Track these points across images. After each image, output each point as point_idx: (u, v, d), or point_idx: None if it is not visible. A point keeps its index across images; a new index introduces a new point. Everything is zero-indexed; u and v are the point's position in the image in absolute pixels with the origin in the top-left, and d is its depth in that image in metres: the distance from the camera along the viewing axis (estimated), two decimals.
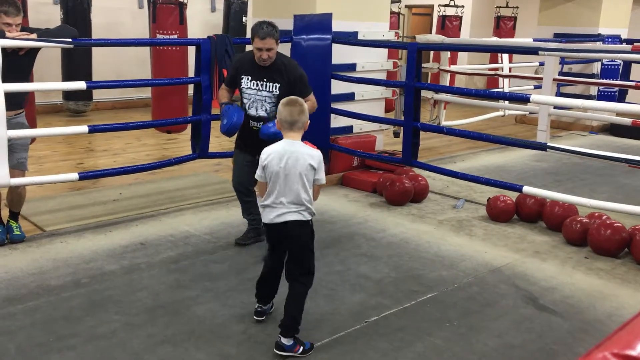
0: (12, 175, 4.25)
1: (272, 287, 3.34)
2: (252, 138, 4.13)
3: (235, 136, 4.32)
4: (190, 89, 5.95)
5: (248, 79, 4.13)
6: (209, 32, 7.25)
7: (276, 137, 3.43)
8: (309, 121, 3.19)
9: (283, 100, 3.17)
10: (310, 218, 3.14)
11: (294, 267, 3.15)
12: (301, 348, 3.05)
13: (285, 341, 3.02)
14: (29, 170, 4.57)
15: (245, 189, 4.34)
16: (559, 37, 9.69)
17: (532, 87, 8.82)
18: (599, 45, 9.01)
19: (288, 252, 3.17)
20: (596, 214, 4.84)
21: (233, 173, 4.44)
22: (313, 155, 3.07)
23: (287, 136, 3.12)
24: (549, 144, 5.06)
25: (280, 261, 3.23)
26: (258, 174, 3.15)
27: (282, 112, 3.11)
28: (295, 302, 3.09)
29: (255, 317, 3.35)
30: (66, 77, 8.98)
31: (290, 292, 3.13)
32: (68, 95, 9.36)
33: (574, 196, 4.86)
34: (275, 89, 4.07)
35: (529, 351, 3.18)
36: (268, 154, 3.09)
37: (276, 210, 3.07)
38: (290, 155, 3.04)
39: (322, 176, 3.11)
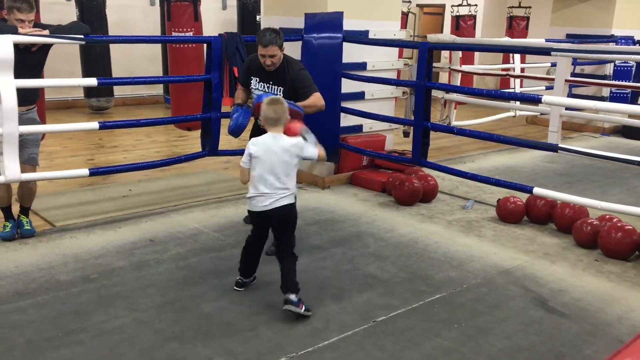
0: (23, 171, 4.28)
1: (254, 261, 3.69)
2: (262, 133, 4.25)
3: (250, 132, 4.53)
4: None
5: (257, 80, 4.34)
6: (220, 29, 7.25)
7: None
8: (290, 117, 3.54)
9: (266, 100, 3.51)
10: (294, 201, 3.52)
11: (285, 245, 3.53)
12: (304, 306, 3.40)
13: (293, 297, 3.38)
14: (40, 165, 4.60)
15: None
16: (572, 37, 9.63)
17: (544, 87, 8.76)
18: (611, 46, 8.94)
19: (281, 233, 3.52)
20: (607, 217, 4.80)
21: None
22: (295, 143, 3.44)
23: (272, 130, 3.46)
24: (560, 145, 5.02)
25: (263, 239, 3.63)
26: (243, 161, 3.46)
27: (266, 110, 3.44)
28: (292, 271, 3.47)
29: (235, 288, 3.69)
30: (85, 74, 9.03)
31: (286, 266, 3.47)
32: (89, 92, 9.38)
33: (584, 198, 4.82)
34: (280, 92, 4.23)
35: (538, 353, 3.16)
36: (256, 146, 3.42)
37: (270, 198, 3.40)
38: (277, 148, 3.39)
39: (308, 153, 3.48)
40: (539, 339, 3.30)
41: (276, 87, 4.27)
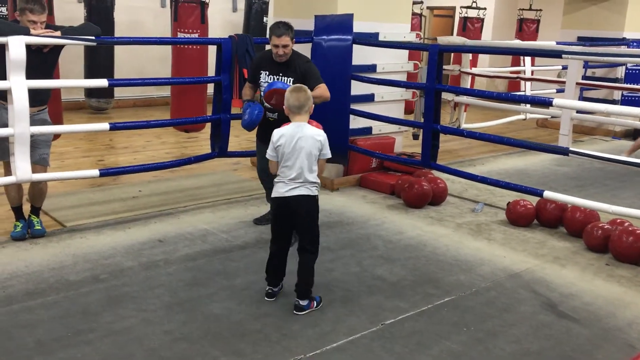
0: (34, 171, 4.31)
1: (279, 267, 3.63)
2: (269, 128, 4.42)
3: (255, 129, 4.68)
4: (210, 87, 5.98)
5: (266, 73, 4.48)
6: (230, 31, 7.29)
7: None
8: (313, 105, 3.59)
9: (289, 88, 3.58)
10: (316, 193, 3.53)
11: (303, 237, 3.54)
12: (315, 303, 3.50)
13: (303, 302, 3.46)
14: (51, 166, 4.62)
15: (267, 176, 4.65)
16: (583, 40, 9.57)
17: (555, 90, 8.72)
18: (623, 49, 8.88)
19: (297, 224, 3.53)
20: (618, 221, 4.76)
21: (257, 163, 4.81)
22: (319, 134, 3.50)
23: (295, 119, 3.50)
24: (571, 148, 5.00)
25: (286, 241, 3.60)
26: (269, 154, 3.51)
27: (289, 98, 3.48)
28: (307, 269, 3.50)
29: (266, 298, 3.62)
30: (88, 75, 9.11)
31: (302, 261, 3.51)
32: (90, 92, 9.51)
33: (595, 202, 4.79)
34: (290, 82, 4.37)
35: (547, 358, 3.14)
36: (280, 135, 3.47)
37: (287, 186, 3.45)
38: (300, 136, 3.43)
39: (327, 151, 3.53)
40: (548, 343, 3.28)
41: (285, 77, 4.42)
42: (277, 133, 3.48)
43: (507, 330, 3.39)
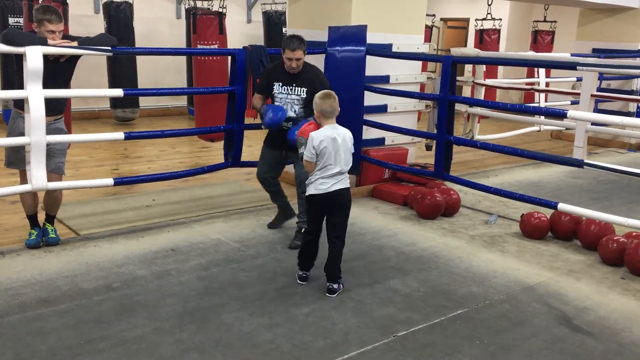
0: (49, 179, 4.35)
1: (313, 254, 4.00)
2: (280, 137, 4.69)
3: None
4: None
5: (279, 84, 4.64)
6: (244, 42, 7.32)
7: (296, 141, 4.04)
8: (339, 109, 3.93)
9: (320, 94, 3.87)
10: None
11: (336, 227, 3.86)
12: (342, 286, 3.90)
13: (335, 286, 3.85)
14: (66, 174, 4.67)
15: (269, 180, 4.89)
16: (598, 52, 9.51)
17: (569, 102, 8.66)
18: (639, 61, 8.81)
19: (335, 215, 3.83)
20: (634, 234, 4.71)
21: (259, 166, 4.90)
22: (348, 131, 3.90)
23: (328, 122, 3.83)
24: (585, 160, 4.95)
25: (319, 229, 3.94)
26: (309, 155, 3.77)
27: (322, 104, 3.81)
28: (338, 256, 3.87)
29: (299, 281, 4.01)
30: (112, 85, 9.17)
31: (334, 249, 3.86)
32: (115, 102, 9.50)
33: (610, 215, 4.74)
34: (303, 92, 4.62)
35: None
36: (321, 139, 3.76)
37: (330, 181, 3.77)
38: (339, 136, 3.79)
39: (352, 146, 3.94)
40: (562, 357, 3.24)
41: (299, 88, 4.62)
42: (317, 138, 3.76)
43: (520, 344, 3.35)
